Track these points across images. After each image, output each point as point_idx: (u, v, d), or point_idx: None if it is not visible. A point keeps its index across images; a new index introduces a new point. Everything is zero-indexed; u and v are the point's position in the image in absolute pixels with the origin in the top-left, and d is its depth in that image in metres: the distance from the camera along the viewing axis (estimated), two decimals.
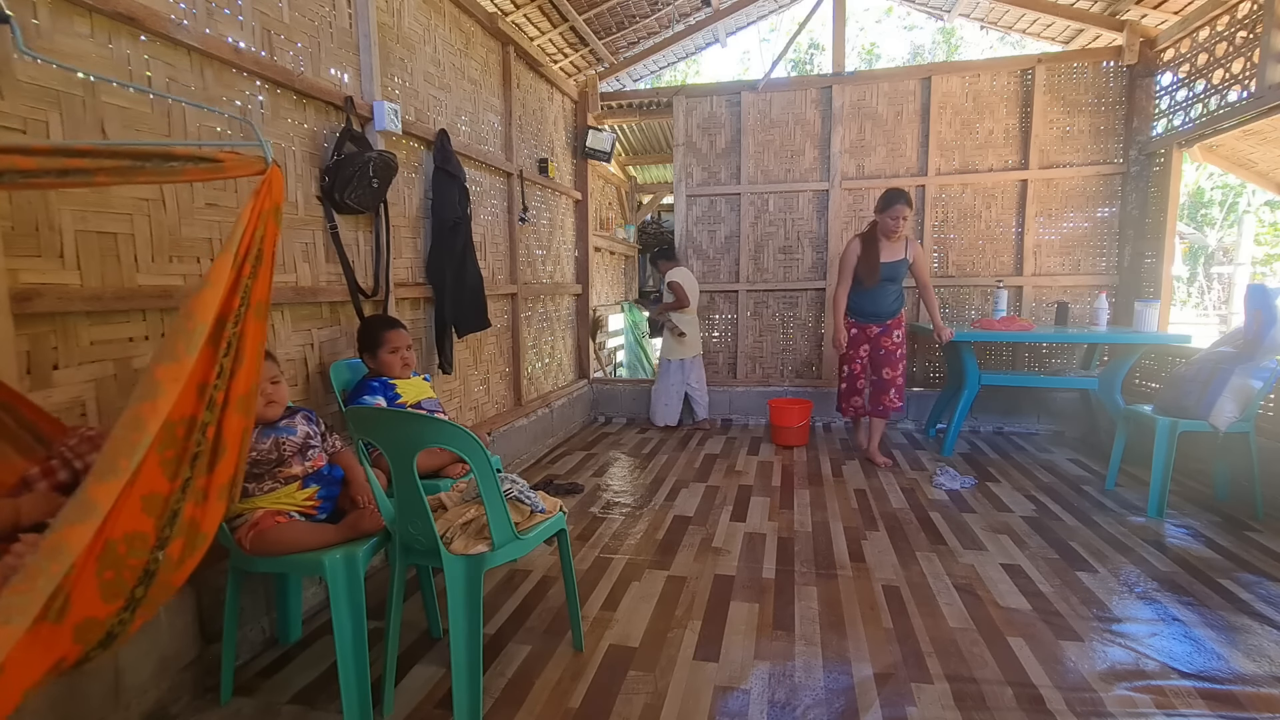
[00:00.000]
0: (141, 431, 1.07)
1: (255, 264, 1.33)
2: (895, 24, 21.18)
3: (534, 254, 4.50)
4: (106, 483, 1.02)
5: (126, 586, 1.10)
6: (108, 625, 1.09)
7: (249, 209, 1.32)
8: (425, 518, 1.60)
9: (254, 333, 1.35)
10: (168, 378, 1.12)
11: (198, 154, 1.32)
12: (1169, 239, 4.19)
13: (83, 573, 1.02)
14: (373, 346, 2.37)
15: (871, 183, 4.89)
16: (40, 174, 1.11)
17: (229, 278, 1.25)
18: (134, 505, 1.10)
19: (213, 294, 1.21)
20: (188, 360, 1.15)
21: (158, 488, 1.14)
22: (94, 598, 1.05)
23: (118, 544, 1.07)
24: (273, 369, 1.81)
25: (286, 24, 2.30)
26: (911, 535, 2.78)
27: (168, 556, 1.17)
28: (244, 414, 1.34)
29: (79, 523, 0.98)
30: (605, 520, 3.00)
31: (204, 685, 1.76)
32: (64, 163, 1.14)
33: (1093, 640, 1.95)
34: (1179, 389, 2.98)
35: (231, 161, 1.36)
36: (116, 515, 1.06)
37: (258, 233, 1.33)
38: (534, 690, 1.75)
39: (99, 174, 1.19)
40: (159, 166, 1.25)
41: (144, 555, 1.12)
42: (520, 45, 4.05)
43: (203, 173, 1.33)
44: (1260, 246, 13.33)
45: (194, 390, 1.20)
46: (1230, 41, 3.61)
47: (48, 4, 1.56)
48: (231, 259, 1.26)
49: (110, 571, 1.07)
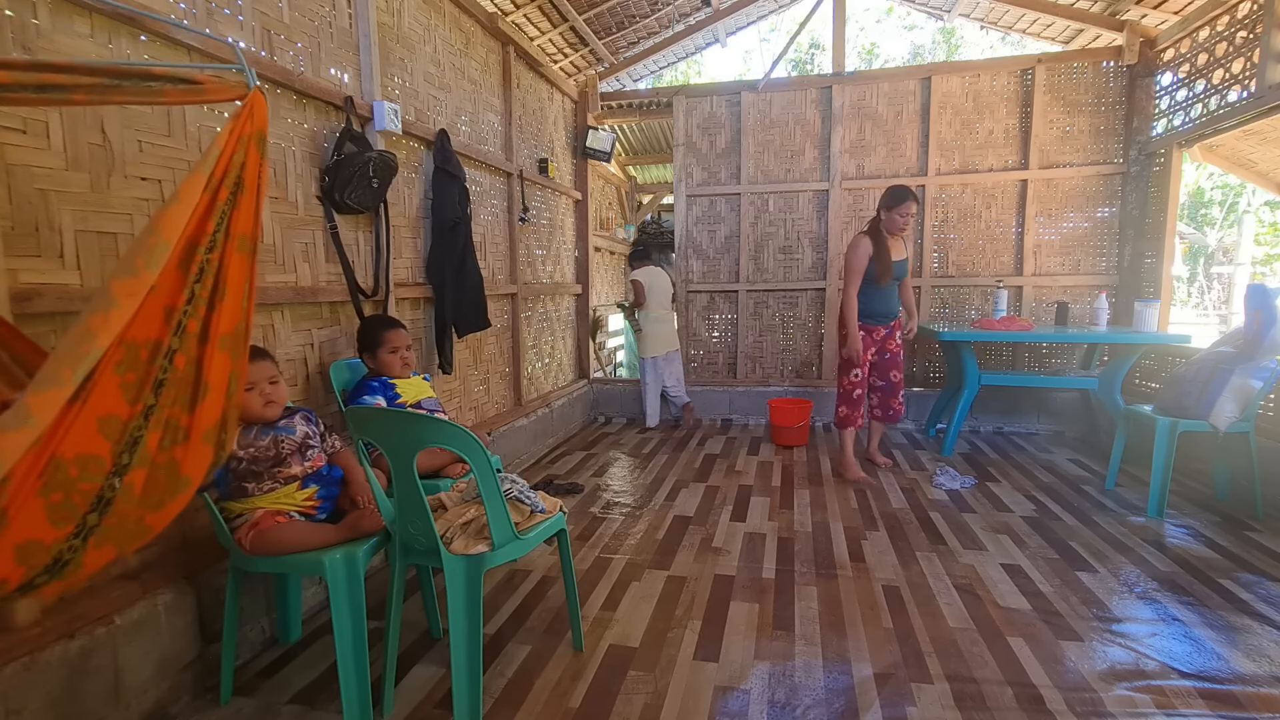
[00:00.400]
0: (89, 342, 1.01)
1: (235, 191, 1.27)
2: (895, 24, 21.19)
3: (534, 254, 4.50)
4: (44, 392, 0.97)
5: (78, 511, 1.06)
6: (55, 550, 1.04)
7: (227, 130, 1.26)
8: (425, 518, 1.60)
9: (237, 267, 1.29)
10: (123, 292, 1.07)
11: (177, 74, 1.27)
12: (1169, 239, 4.19)
13: (21, 488, 0.97)
14: (372, 346, 2.37)
15: (872, 183, 4.89)
16: (17, 88, 1.08)
17: (202, 200, 1.19)
18: (88, 425, 1.05)
19: (179, 211, 1.15)
20: (147, 276, 1.09)
21: (116, 410, 1.09)
22: (39, 519, 1.00)
23: (68, 464, 1.02)
24: (271, 369, 1.80)
25: (286, 24, 2.30)
26: (911, 535, 2.78)
27: (127, 485, 1.12)
28: (230, 354, 1.29)
29: (11, 430, 0.93)
30: (605, 520, 3.00)
31: (204, 685, 1.76)
32: (41, 77, 1.10)
33: (1093, 640, 1.95)
34: (1179, 389, 2.98)
35: (212, 84, 1.31)
36: (64, 433, 1.01)
37: (236, 157, 1.27)
38: (534, 690, 1.75)
39: (77, 91, 1.15)
40: (137, 85, 1.21)
41: (98, 480, 1.07)
42: (520, 45, 4.05)
43: (182, 94, 1.29)
44: (1260, 246, 13.33)
45: (159, 312, 1.15)
46: (1230, 41, 3.61)
47: (48, 4, 1.56)
48: (204, 180, 1.20)
49: (59, 493, 1.02)
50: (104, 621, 1.53)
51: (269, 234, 2.22)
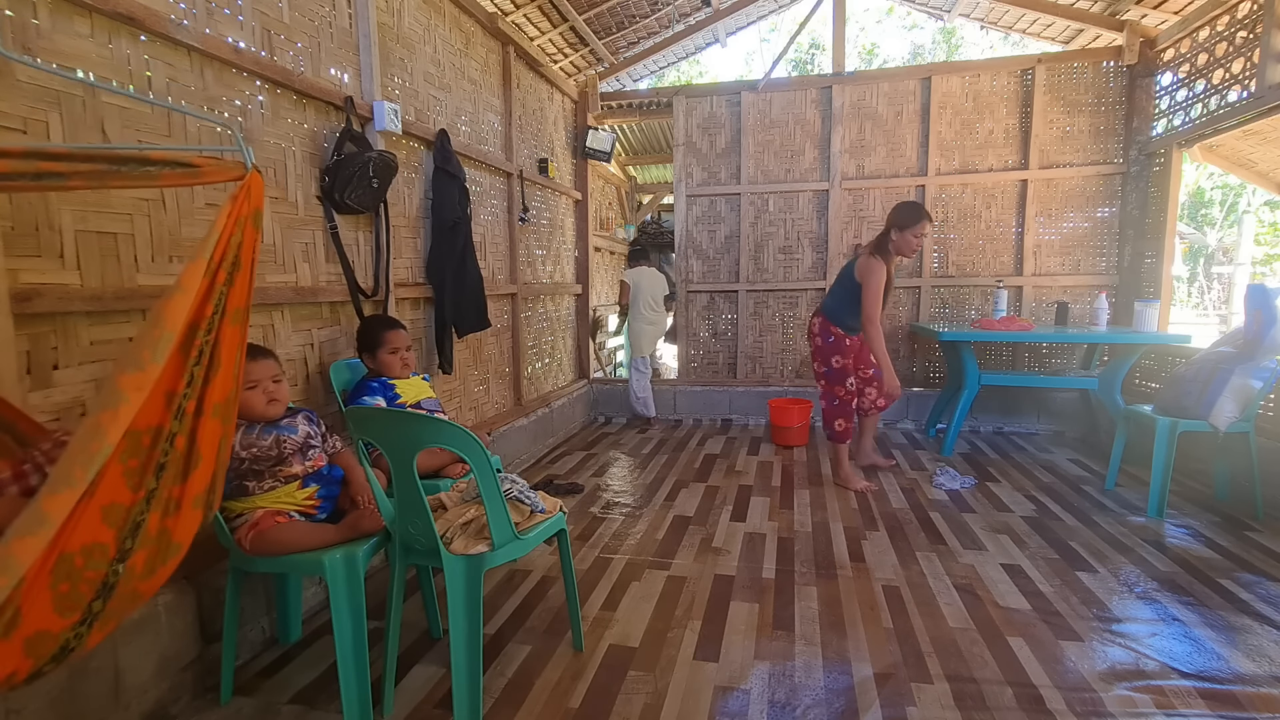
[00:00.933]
0: (100, 440, 1.03)
1: (232, 271, 1.28)
2: (895, 24, 21.18)
3: (534, 254, 4.50)
4: (59, 494, 0.99)
5: (83, 600, 1.07)
6: (62, 639, 1.06)
7: (225, 214, 1.27)
8: (425, 518, 1.60)
9: (230, 339, 1.30)
10: (130, 386, 1.08)
11: (174, 159, 1.29)
12: (1169, 239, 4.19)
13: (34, 586, 0.98)
14: (372, 346, 2.37)
15: (871, 183, 4.89)
16: (15, 176, 1.09)
17: (201, 285, 1.21)
18: (93, 516, 1.06)
19: (183, 300, 1.17)
20: (153, 369, 1.11)
21: (119, 498, 1.11)
22: (47, 611, 1.01)
23: (74, 556, 1.04)
24: (274, 367, 1.80)
25: (286, 24, 2.30)
26: (911, 535, 2.78)
27: (129, 569, 1.13)
28: (221, 421, 1.30)
29: (29, 535, 0.95)
30: (605, 520, 3.00)
31: (204, 685, 1.76)
32: (38, 166, 1.11)
33: (1093, 640, 1.95)
34: (1179, 389, 2.98)
35: (209, 167, 1.33)
36: (73, 527, 1.02)
37: (234, 239, 1.28)
38: (534, 690, 1.75)
39: (74, 178, 1.16)
40: (135, 171, 1.22)
41: (103, 568, 1.09)
42: (520, 45, 4.05)
43: (180, 178, 1.30)
44: (1260, 246, 13.33)
45: (161, 399, 1.16)
46: (1230, 41, 3.61)
47: (48, 4, 1.56)
48: (205, 265, 1.21)
49: (65, 584, 1.03)
50: None
51: (269, 234, 2.22)
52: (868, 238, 4.94)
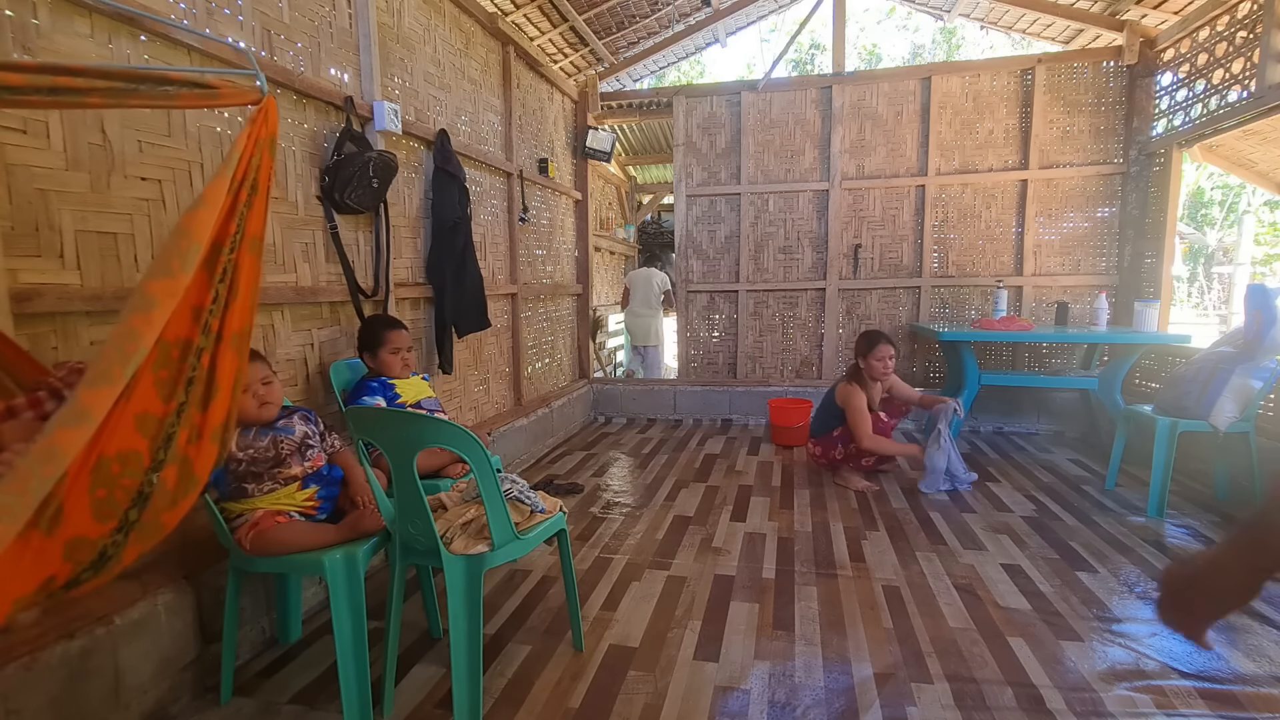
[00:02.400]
0: (136, 342, 1.03)
1: (251, 192, 1.30)
2: (895, 24, 21.18)
3: (534, 254, 4.50)
4: (99, 389, 0.98)
5: (120, 507, 1.07)
6: (100, 545, 1.06)
7: (245, 135, 1.28)
8: (425, 518, 1.60)
9: (248, 266, 1.31)
10: (162, 293, 1.08)
11: (193, 79, 1.29)
12: (1169, 239, 4.19)
13: (75, 485, 0.99)
14: (373, 346, 2.37)
15: (872, 183, 4.89)
16: (29, 90, 1.08)
17: (225, 202, 1.21)
18: (128, 423, 1.06)
19: (208, 214, 1.17)
20: (183, 278, 1.11)
21: (152, 408, 1.11)
22: (86, 515, 1.02)
23: (111, 461, 1.04)
24: (264, 369, 1.78)
25: (286, 24, 2.30)
26: (911, 535, 2.78)
27: (162, 481, 1.14)
28: (237, 351, 1.31)
29: (71, 427, 0.95)
30: (605, 520, 3.00)
31: (204, 685, 1.76)
32: (54, 80, 1.10)
33: (1093, 640, 1.95)
34: (1179, 389, 2.98)
35: (227, 89, 1.33)
36: (110, 431, 1.02)
37: (254, 160, 1.29)
38: (534, 690, 1.75)
39: (92, 94, 1.15)
40: (153, 90, 1.22)
41: (138, 476, 1.09)
42: (520, 45, 4.05)
43: (197, 98, 1.30)
44: (1260, 246, 13.33)
45: (189, 312, 1.17)
46: (1230, 41, 3.61)
47: (48, 4, 1.56)
48: (228, 183, 1.22)
49: (103, 489, 1.04)
50: (104, 621, 1.53)
51: (269, 234, 2.22)
52: (868, 238, 4.95)
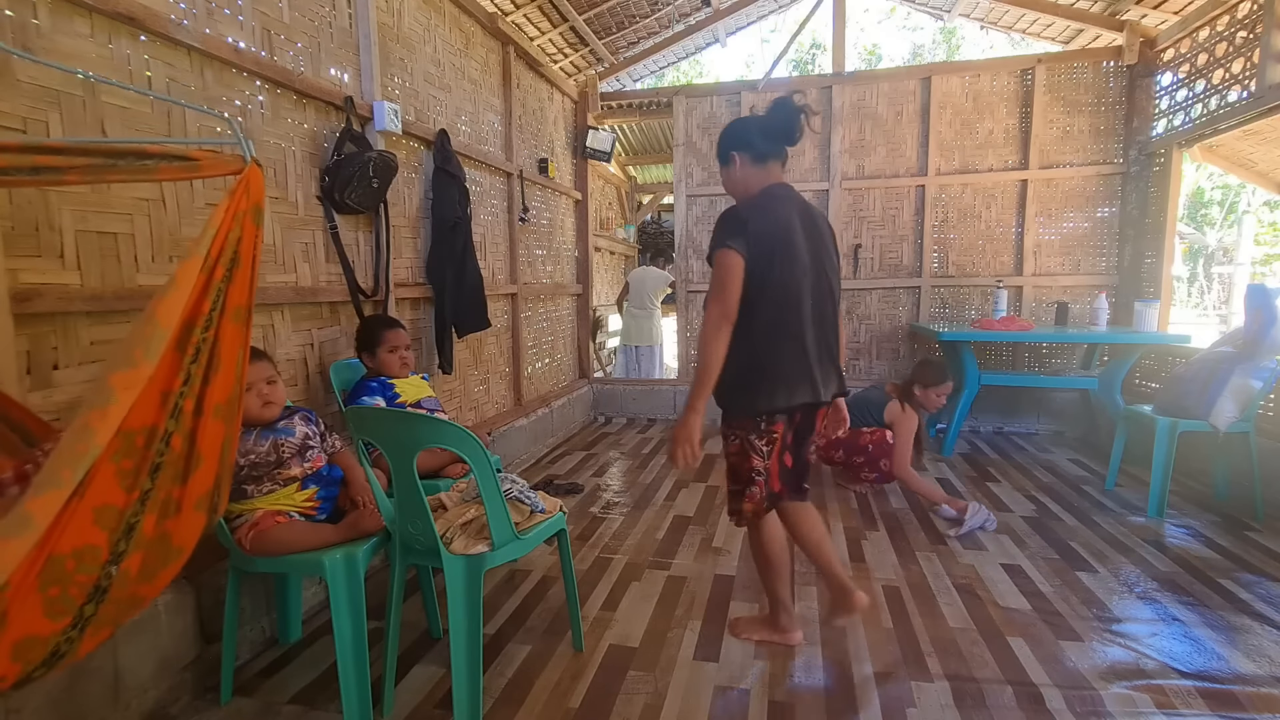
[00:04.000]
0: (88, 441, 1.00)
1: (230, 267, 1.25)
2: (896, 24, 21.19)
3: (534, 254, 4.50)
4: (44, 495, 0.96)
5: (74, 604, 1.04)
6: (52, 644, 1.03)
7: (222, 209, 1.25)
8: (425, 518, 1.60)
9: (230, 337, 1.27)
10: (121, 385, 1.05)
11: (172, 152, 1.27)
12: (1169, 239, 4.19)
13: (21, 589, 0.96)
14: (371, 345, 2.37)
15: (871, 183, 4.89)
16: (11, 171, 1.08)
17: (198, 282, 1.17)
18: (84, 518, 1.03)
19: (177, 297, 1.14)
20: (146, 366, 1.08)
21: (112, 499, 1.07)
22: (36, 615, 0.99)
23: (65, 558, 1.01)
24: (269, 369, 1.79)
25: (286, 24, 2.30)
26: (911, 535, 2.78)
27: (123, 572, 1.10)
28: (224, 422, 1.27)
29: (14, 538, 0.93)
30: (605, 520, 3.00)
31: (204, 685, 1.76)
32: (35, 160, 1.10)
33: (1093, 640, 1.95)
34: (1179, 389, 2.98)
35: (208, 160, 1.31)
36: (63, 528, 1.00)
37: (231, 234, 1.25)
38: (534, 690, 1.75)
39: (70, 172, 1.15)
40: (132, 165, 1.20)
41: (94, 571, 1.06)
42: (520, 45, 4.05)
43: (178, 171, 1.28)
44: (1260, 246, 13.34)
45: (155, 398, 1.13)
46: (1230, 41, 3.61)
47: (48, 4, 1.56)
48: (201, 261, 1.18)
49: (55, 588, 1.00)
50: None
51: (269, 234, 2.22)
52: (868, 238, 4.95)
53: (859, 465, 3.31)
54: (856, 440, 3.31)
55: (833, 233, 1.86)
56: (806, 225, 1.74)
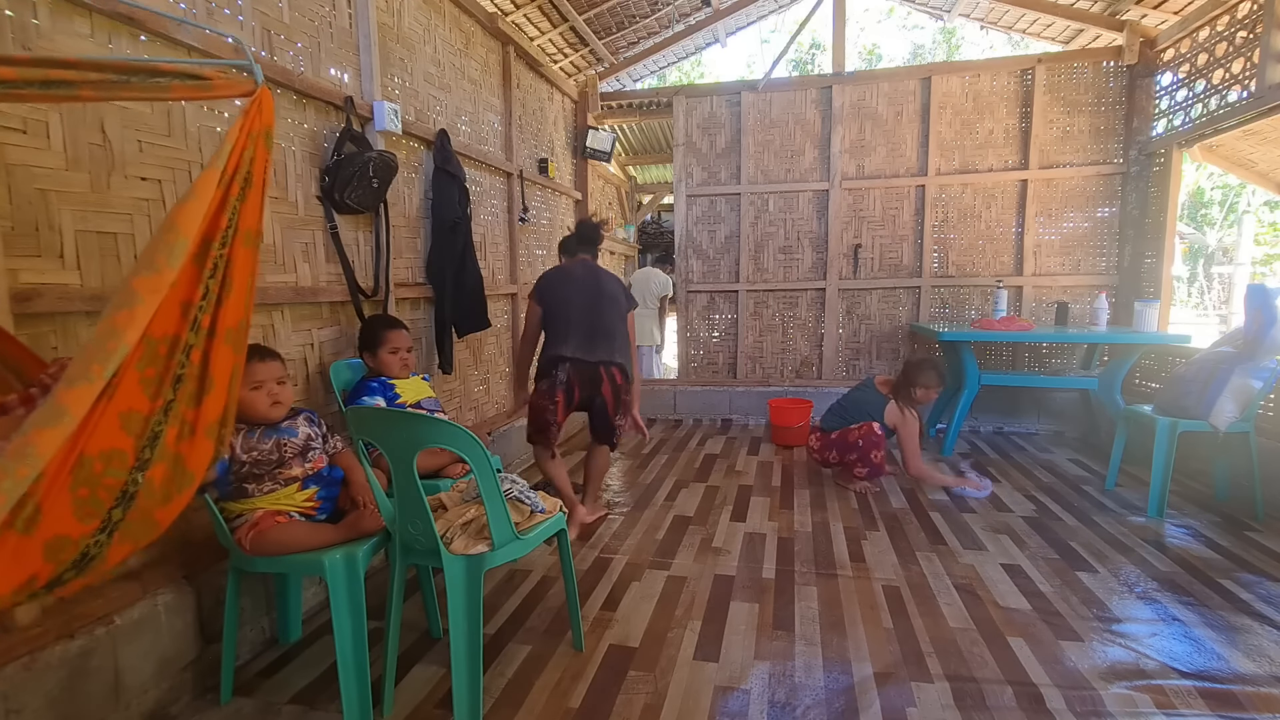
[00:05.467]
0: (117, 339, 1.02)
1: (244, 186, 1.28)
2: (896, 24, 21.19)
3: (534, 254, 4.50)
4: (77, 387, 0.97)
5: (103, 506, 1.06)
6: (82, 545, 1.05)
7: (238, 127, 1.26)
8: (425, 518, 1.60)
9: (242, 261, 1.29)
10: (146, 288, 1.07)
11: (185, 70, 1.26)
12: (1169, 239, 4.19)
13: (54, 484, 0.98)
14: (373, 345, 2.37)
15: (871, 183, 4.89)
16: (22, 85, 1.07)
17: (215, 195, 1.19)
18: (112, 421, 1.05)
19: (196, 207, 1.15)
20: (168, 272, 1.09)
21: (137, 405, 1.09)
22: (67, 514, 1.01)
23: (93, 460, 1.03)
24: (280, 369, 1.80)
25: (286, 24, 2.30)
26: (911, 535, 2.78)
27: (148, 481, 1.13)
28: (234, 348, 1.29)
29: (48, 427, 0.94)
30: (605, 520, 3.00)
31: (204, 685, 1.76)
32: (47, 73, 1.09)
33: (1093, 640, 1.95)
34: (1179, 389, 2.98)
35: (220, 80, 1.30)
36: (92, 428, 1.01)
37: (246, 153, 1.27)
38: (534, 690, 1.75)
39: (84, 87, 1.14)
40: (145, 81, 1.20)
41: (122, 475, 1.08)
42: (520, 45, 4.05)
43: (190, 90, 1.27)
44: (1260, 246, 13.33)
45: (176, 307, 1.15)
46: (1230, 41, 3.61)
47: (48, 4, 1.56)
48: (218, 175, 1.20)
49: (85, 488, 1.03)
50: (104, 621, 1.53)
51: (269, 234, 2.22)
52: (868, 238, 4.95)
53: (852, 462, 3.35)
54: (846, 438, 3.37)
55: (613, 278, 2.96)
56: (586, 277, 2.87)
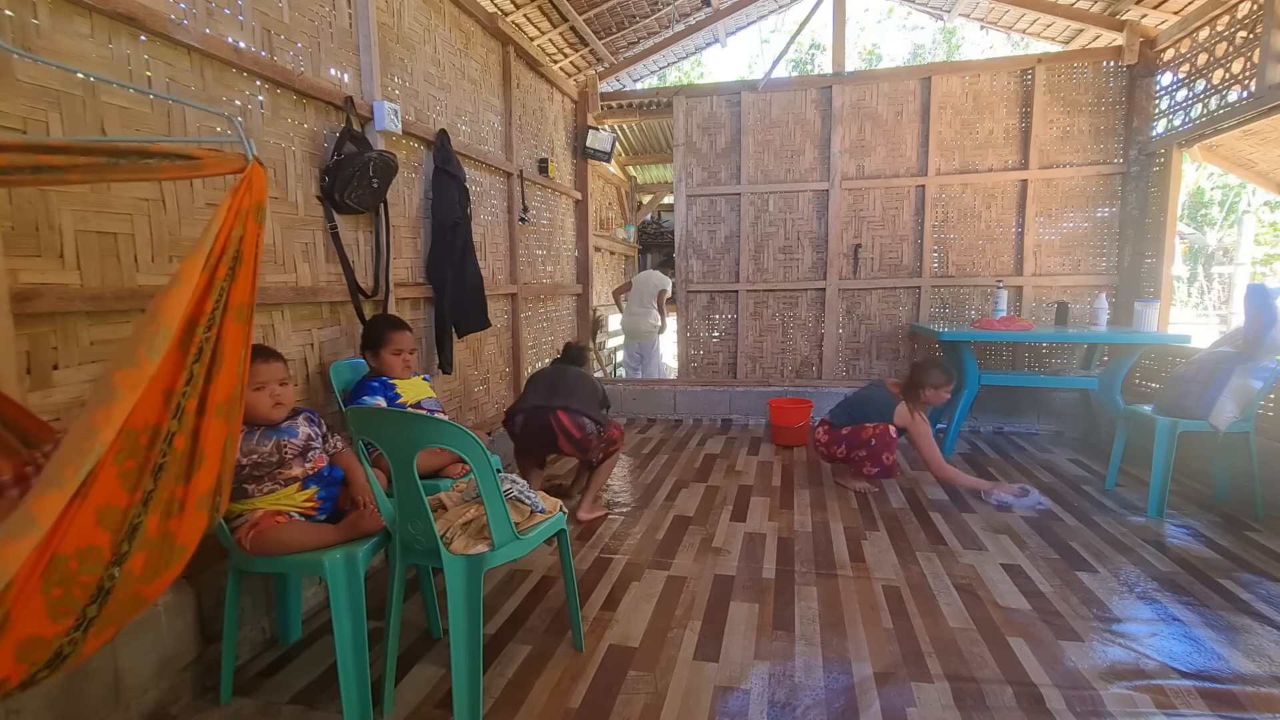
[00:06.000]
0: (92, 440, 1.00)
1: (233, 265, 1.26)
2: (896, 24, 21.19)
3: (534, 254, 4.50)
4: (48, 494, 0.96)
5: (77, 604, 1.04)
6: (55, 645, 1.03)
7: (225, 207, 1.25)
8: (425, 518, 1.60)
9: (233, 336, 1.28)
10: (125, 383, 1.05)
11: (174, 151, 1.27)
12: (1169, 239, 4.18)
13: (24, 590, 0.96)
14: (376, 345, 2.37)
15: (871, 183, 4.89)
16: (13, 170, 1.07)
17: (200, 280, 1.18)
18: (87, 519, 1.03)
19: (180, 295, 1.14)
20: (149, 365, 1.08)
21: (115, 500, 1.07)
22: (39, 615, 0.99)
23: (68, 559, 1.01)
24: (281, 370, 1.80)
25: (286, 24, 2.30)
26: (911, 535, 2.78)
27: (126, 573, 1.10)
28: (225, 421, 1.28)
29: (17, 539, 0.93)
30: (605, 520, 3.00)
31: (204, 685, 1.76)
32: (37, 159, 1.10)
33: (1093, 640, 1.95)
34: (1179, 389, 2.98)
35: (210, 159, 1.31)
36: (65, 529, 1.00)
37: (234, 232, 1.26)
38: (534, 690, 1.75)
39: (73, 171, 1.14)
40: (134, 163, 1.20)
41: (97, 571, 1.06)
42: (520, 45, 4.05)
43: (180, 170, 1.28)
44: (1260, 246, 13.33)
45: (158, 397, 1.13)
46: (1230, 41, 3.61)
47: (48, 4, 1.56)
48: (203, 259, 1.18)
49: (59, 589, 1.00)
50: None
51: (269, 234, 2.22)
52: (868, 238, 4.95)
53: (861, 460, 3.33)
54: (859, 435, 3.34)
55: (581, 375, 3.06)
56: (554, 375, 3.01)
